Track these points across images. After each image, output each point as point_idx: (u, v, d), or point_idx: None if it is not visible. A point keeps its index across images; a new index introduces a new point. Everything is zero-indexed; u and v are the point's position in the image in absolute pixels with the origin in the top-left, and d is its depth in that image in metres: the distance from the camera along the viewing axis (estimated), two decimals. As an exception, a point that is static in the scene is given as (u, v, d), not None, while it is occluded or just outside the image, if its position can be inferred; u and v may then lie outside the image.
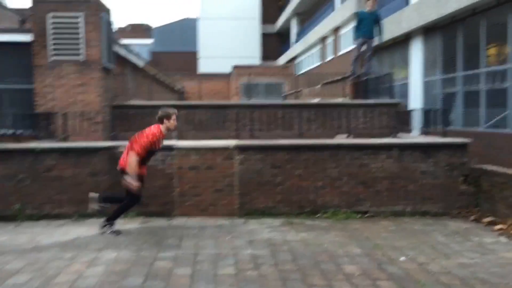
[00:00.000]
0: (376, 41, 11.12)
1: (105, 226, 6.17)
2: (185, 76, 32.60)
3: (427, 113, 10.31)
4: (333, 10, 26.07)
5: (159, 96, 15.94)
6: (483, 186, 7.21)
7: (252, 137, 8.23)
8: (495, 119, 11.06)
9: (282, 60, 42.00)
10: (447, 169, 7.35)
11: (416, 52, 14.82)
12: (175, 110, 6.24)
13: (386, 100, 10.39)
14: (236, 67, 31.56)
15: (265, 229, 6.45)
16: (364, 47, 11.21)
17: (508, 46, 10.37)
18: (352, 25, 21.92)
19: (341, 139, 8.32)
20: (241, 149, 7.11)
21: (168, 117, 6.11)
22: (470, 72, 12.11)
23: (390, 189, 7.32)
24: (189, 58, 50.40)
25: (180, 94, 26.08)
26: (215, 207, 7.13)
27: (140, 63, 13.76)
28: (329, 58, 26.91)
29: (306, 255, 5.28)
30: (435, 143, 7.39)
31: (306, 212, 7.18)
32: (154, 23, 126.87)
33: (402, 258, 5.18)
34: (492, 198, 6.98)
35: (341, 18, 23.32)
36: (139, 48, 41.04)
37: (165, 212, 7.08)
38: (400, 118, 9.79)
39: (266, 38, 47.28)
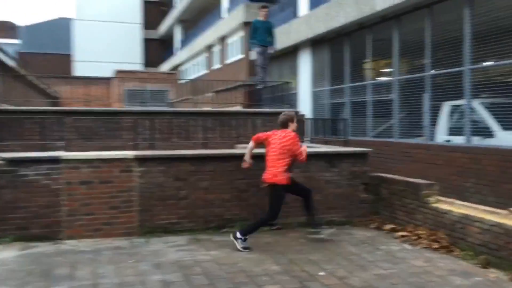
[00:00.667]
0: (271, 50, 11.15)
1: (239, 239, 5.82)
2: (59, 80, 29.99)
3: (322, 122, 10.54)
4: (219, 19, 26.04)
5: (34, 101, 14.25)
6: (382, 194, 7.42)
7: (151, 147, 7.55)
8: (381, 129, 11.72)
9: (166, 66, 41.04)
10: (350, 178, 7.44)
11: (305, 62, 15.27)
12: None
13: (286, 109, 10.37)
14: (118, 72, 29.92)
15: (171, 248, 5.86)
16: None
17: (392, 60, 11.05)
18: (240, 34, 22.07)
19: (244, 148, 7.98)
20: (141, 160, 6.42)
21: (292, 119, 6.09)
22: (356, 83, 12.74)
23: (296, 199, 7.17)
24: (63, 61, 46.81)
25: (55, 99, 23.87)
26: (111, 226, 6.32)
27: (11, 63, 12.13)
28: (216, 67, 26.79)
29: (223, 277, 4.82)
30: (339, 152, 7.44)
31: (212, 227, 6.71)
32: (21, 22, 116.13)
33: (321, 273, 4.99)
34: (391, 206, 7.20)
35: (228, 27, 23.36)
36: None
37: (51, 235, 6.09)
38: (298, 128, 9.81)
39: (149, 43, 45.85)
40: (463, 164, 8.53)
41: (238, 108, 12.18)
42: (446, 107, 10.13)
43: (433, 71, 9.72)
